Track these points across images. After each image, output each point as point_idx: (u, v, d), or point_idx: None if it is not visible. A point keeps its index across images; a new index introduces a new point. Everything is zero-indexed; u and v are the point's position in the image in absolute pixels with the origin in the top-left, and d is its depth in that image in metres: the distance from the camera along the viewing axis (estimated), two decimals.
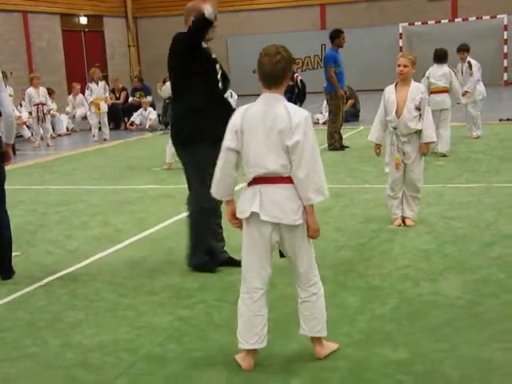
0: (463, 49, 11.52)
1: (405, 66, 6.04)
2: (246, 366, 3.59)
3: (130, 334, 4.14)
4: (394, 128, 6.16)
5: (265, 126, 3.45)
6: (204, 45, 5.15)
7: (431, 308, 4.27)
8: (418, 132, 6.14)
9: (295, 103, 11.80)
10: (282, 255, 3.65)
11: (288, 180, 3.46)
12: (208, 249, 5.27)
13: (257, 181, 3.49)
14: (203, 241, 5.23)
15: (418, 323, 4.04)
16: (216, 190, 3.64)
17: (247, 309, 3.56)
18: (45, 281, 5.26)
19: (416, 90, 6.11)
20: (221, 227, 5.34)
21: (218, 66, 5.24)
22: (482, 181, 8.19)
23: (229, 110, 5.05)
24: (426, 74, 10.29)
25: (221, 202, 5.12)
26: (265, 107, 3.49)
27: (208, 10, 4.84)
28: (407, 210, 6.30)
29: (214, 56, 5.24)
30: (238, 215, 3.58)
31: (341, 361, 3.61)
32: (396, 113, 6.09)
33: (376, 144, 6.33)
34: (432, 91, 10.00)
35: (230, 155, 3.54)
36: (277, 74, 3.49)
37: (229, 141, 3.53)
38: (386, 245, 5.75)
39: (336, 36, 11.43)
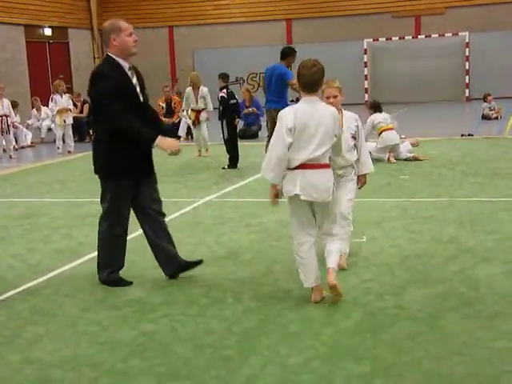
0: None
1: (334, 97, 5.43)
2: (313, 298, 4.66)
3: (92, 349, 4.08)
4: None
5: (313, 123, 4.44)
6: (125, 66, 4.99)
7: (394, 321, 4.30)
8: (353, 164, 5.54)
9: (220, 119, 11.68)
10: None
11: (324, 165, 4.49)
12: (165, 256, 5.34)
13: (298, 167, 4.44)
14: (112, 259, 5.35)
15: (381, 337, 4.07)
16: (274, 175, 4.49)
17: (303, 257, 4.61)
18: (5, 295, 5.16)
19: (350, 118, 5.57)
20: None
21: (138, 87, 5.07)
22: (445, 195, 8.30)
23: (154, 128, 5.08)
24: (369, 121, 11.50)
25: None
26: (311, 108, 4.49)
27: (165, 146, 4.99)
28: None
29: (134, 81, 5.06)
30: (284, 194, 4.56)
31: (306, 374, 3.61)
32: None
33: None
34: (383, 130, 11.40)
35: (286, 149, 4.42)
36: (315, 82, 4.52)
37: (287, 136, 4.41)
38: (351, 258, 5.77)
39: (290, 54, 10.61)
